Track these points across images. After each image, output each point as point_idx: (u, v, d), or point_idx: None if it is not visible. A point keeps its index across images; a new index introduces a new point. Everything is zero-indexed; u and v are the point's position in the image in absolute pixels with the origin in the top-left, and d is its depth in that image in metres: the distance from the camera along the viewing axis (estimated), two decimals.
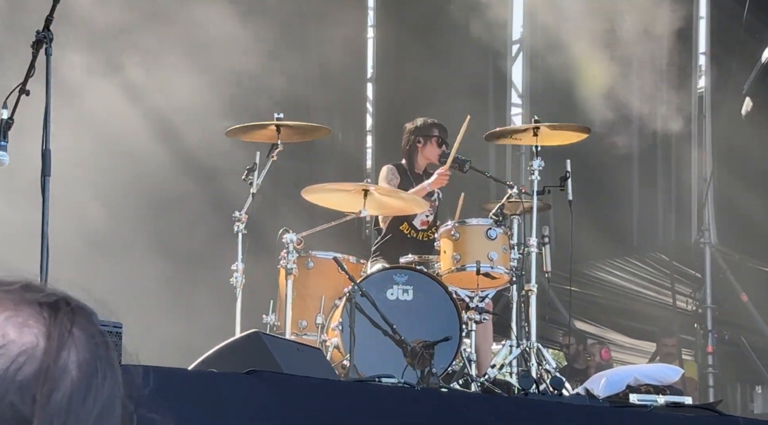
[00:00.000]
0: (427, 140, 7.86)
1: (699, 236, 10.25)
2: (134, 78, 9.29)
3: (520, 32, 11.67)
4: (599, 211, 10.41)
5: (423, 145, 7.87)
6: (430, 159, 7.86)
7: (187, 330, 9.07)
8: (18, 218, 7.44)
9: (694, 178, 10.34)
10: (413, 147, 7.89)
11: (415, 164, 7.90)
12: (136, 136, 9.26)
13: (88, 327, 1.30)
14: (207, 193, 9.48)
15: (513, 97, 11.71)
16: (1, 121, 4.77)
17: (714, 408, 5.97)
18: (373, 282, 6.92)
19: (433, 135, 7.85)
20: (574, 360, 10.49)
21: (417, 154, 7.89)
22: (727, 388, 10.90)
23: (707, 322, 10.22)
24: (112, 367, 1.31)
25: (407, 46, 11.38)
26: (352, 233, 10.34)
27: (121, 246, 8.98)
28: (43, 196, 4.61)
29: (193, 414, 4.43)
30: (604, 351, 10.58)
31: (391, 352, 6.43)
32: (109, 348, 1.32)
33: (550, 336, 10.95)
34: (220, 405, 4.52)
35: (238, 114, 8.71)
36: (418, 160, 7.89)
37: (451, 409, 5.12)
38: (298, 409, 4.70)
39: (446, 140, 7.86)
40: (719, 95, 10.26)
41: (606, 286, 11.50)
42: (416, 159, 7.89)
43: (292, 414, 4.67)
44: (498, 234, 7.22)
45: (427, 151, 7.86)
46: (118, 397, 1.31)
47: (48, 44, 4.70)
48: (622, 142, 10.54)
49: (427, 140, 7.86)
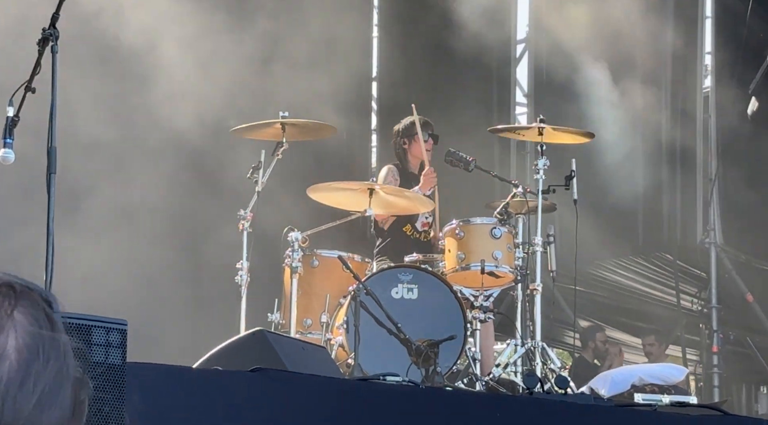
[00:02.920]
0: (411, 140, 7.95)
1: (704, 236, 10.24)
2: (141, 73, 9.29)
3: (525, 31, 11.66)
4: (604, 210, 10.40)
5: (408, 145, 7.97)
6: (419, 157, 7.92)
7: (192, 328, 9.08)
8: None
9: (700, 178, 10.32)
10: (401, 148, 8.00)
11: (408, 164, 7.97)
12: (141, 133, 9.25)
13: (32, 311, 1.26)
14: (212, 191, 9.47)
15: (518, 96, 11.70)
16: (7, 119, 4.78)
17: (719, 407, 5.96)
18: (377, 280, 6.92)
19: (414, 133, 7.90)
20: (599, 357, 10.41)
21: (407, 155, 7.98)
22: (732, 388, 10.89)
23: (712, 322, 10.20)
24: (59, 352, 1.28)
25: (412, 45, 11.37)
26: (357, 232, 10.32)
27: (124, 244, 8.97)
28: (48, 193, 4.61)
29: (198, 411, 4.43)
30: (622, 356, 10.60)
31: (396, 351, 6.43)
32: (57, 331, 1.28)
33: (555, 335, 10.94)
34: (225, 403, 4.52)
35: (243, 112, 8.70)
36: (410, 159, 7.98)
37: (456, 408, 5.12)
38: (302, 407, 4.70)
39: (433, 133, 7.91)
40: (725, 94, 10.24)
41: (611, 286, 11.49)
42: (408, 159, 7.98)
43: (297, 412, 4.67)
44: (503, 233, 7.22)
45: (414, 150, 7.94)
46: (67, 381, 1.27)
47: (54, 42, 4.70)
48: (627, 141, 10.53)
49: (411, 140, 7.95)
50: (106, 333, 3.92)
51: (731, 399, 10.37)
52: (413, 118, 7.84)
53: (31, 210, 6.03)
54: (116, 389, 3.88)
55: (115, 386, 3.88)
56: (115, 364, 3.91)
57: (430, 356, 6.29)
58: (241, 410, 4.54)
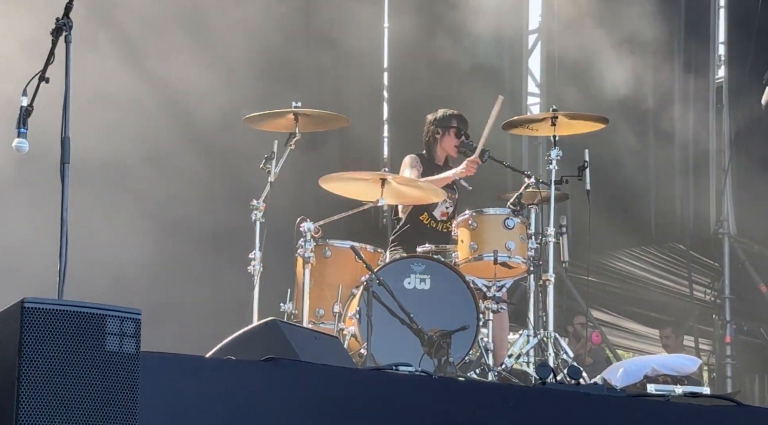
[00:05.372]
0: (445, 131, 7.88)
1: (717, 226, 10.21)
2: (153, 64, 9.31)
3: (538, 21, 11.63)
4: (617, 200, 10.38)
5: (441, 136, 7.89)
6: (447, 150, 7.88)
7: (204, 318, 9.10)
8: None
9: (713, 168, 10.29)
10: (432, 138, 7.91)
11: (435, 155, 7.92)
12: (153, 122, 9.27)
13: None
14: (225, 181, 9.49)
15: (531, 86, 11.68)
16: (21, 109, 4.78)
17: (732, 398, 5.95)
18: (390, 271, 6.92)
19: (451, 126, 7.86)
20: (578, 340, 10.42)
21: (437, 146, 7.90)
22: (745, 379, 10.87)
23: (725, 313, 10.19)
24: None
25: (423, 35, 11.36)
26: (370, 222, 10.34)
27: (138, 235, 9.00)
28: (63, 183, 4.62)
29: (210, 401, 4.45)
30: (595, 336, 10.53)
31: (408, 341, 6.44)
32: None
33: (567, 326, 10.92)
34: (238, 393, 4.53)
35: (256, 102, 8.71)
36: (437, 151, 7.91)
37: (468, 398, 5.12)
38: (315, 397, 4.70)
39: (465, 131, 7.86)
40: (738, 85, 10.21)
41: (623, 276, 11.48)
42: (436, 150, 7.91)
43: (309, 401, 4.68)
44: (515, 224, 7.21)
45: (445, 143, 7.87)
46: None
47: (68, 31, 4.70)
48: (639, 131, 10.50)
49: (445, 131, 7.88)
50: (120, 322, 3.94)
51: (744, 390, 10.35)
52: (496, 107, 7.48)
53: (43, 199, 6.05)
54: (130, 378, 3.89)
55: (129, 375, 3.89)
56: (129, 353, 3.92)
57: (443, 346, 6.29)
58: (253, 399, 4.55)
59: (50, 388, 3.77)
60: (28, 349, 3.77)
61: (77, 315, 3.87)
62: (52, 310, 3.84)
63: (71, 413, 3.78)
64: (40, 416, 3.74)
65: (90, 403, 3.80)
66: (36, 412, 3.74)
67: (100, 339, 3.88)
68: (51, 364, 3.79)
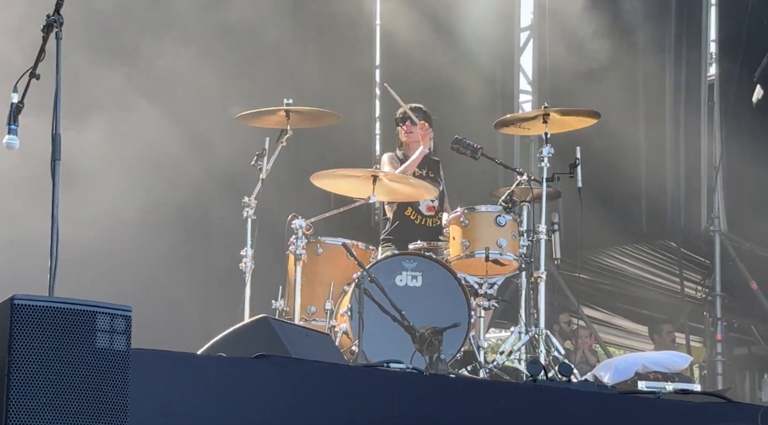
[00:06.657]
0: (402, 126, 8.05)
1: (709, 224, 10.23)
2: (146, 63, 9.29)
3: (530, 19, 11.64)
4: (608, 198, 10.39)
5: (403, 132, 8.06)
6: (412, 141, 7.98)
7: (195, 315, 9.09)
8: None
9: (704, 165, 10.31)
10: (398, 139, 8.11)
11: (408, 151, 8.04)
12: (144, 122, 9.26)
13: None
14: (216, 178, 9.48)
15: (522, 83, 11.68)
16: (12, 105, 4.77)
17: (723, 395, 5.96)
18: (382, 268, 6.93)
19: (405, 118, 8.00)
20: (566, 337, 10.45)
21: (404, 142, 8.05)
22: (736, 376, 10.89)
23: (716, 310, 10.20)
24: None
25: (415, 32, 11.36)
26: (361, 219, 10.33)
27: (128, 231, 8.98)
28: (53, 180, 4.61)
29: (202, 398, 4.44)
30: (592, 340, 10.58)
31: (400, 338, 6.44)
32: None
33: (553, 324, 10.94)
34: (229, 390, 4.53)
35: (248, 99, 8.70)
36: (407, 147, 8.04)
37: (460, 395, 5.12)
38: (306, 394, 4.70)
39: (425, 112, 8.01)
40: (729, 82, 10.22)
41: (615, 273, 11.49)
42: (406, 145, 8.03)
43: (301, 398, 4.68)
44: (507, 221, 7.22)
45: (407, 136, 8.04)
46: None
47: (58, 28, 4.69)
48: (631, 128, 10.51)
49: (402, 126, 8.05)
50: (111, 319, 3.93)
51: (735, 387, 10.37)
52: (403, 105, 7.97)
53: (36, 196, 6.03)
54: (120, 375, 3.89)
55: (119, 372, 3.89)
56: (120, 350, 3.92)
57: (434, 343, 6.30)
58: (245, 396, 4.55)
59: (40, 385, 3.76)
60: (18, 346, 3.76)
61: (67, 312, 3.86)
62: (42, 307, 3.83)
63: (61, 410, 3.77)
64: (29, 413, 3.73)
65: (80, 400, 3.79)
66: (26, 409, 3.73)
67: (91, 335, 3.87)
68: (41, 361, 3.78)
